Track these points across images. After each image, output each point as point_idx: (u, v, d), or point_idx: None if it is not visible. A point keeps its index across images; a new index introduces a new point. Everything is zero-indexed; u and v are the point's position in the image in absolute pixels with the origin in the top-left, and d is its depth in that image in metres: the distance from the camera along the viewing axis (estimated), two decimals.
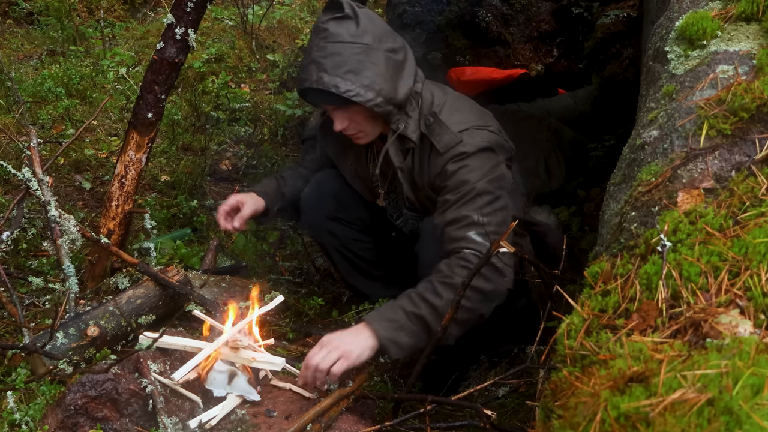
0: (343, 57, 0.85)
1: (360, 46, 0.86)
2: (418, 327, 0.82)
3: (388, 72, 0.88)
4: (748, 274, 0.48)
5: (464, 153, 0.89)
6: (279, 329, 1.19)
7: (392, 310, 0.83)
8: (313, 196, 1.11)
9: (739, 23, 0.70)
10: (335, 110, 0.92)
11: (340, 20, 0.87)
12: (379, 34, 0.88)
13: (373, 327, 0.81)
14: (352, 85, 0.85)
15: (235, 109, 2.07)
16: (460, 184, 0.88)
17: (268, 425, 0.79)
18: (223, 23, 2.75)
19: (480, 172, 0.89)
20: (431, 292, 0.83)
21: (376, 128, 0.95)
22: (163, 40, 1.16)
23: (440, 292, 0.83)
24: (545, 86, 1.99)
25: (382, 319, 0.82)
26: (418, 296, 0.83)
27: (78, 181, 1.67)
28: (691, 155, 0.60)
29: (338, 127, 0.92)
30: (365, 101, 0.86)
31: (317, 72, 0.86)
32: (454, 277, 0.83)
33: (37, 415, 0.80)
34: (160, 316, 1.05)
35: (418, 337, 0.82)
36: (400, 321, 0.82)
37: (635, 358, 0.44)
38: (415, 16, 2.09)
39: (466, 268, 0.84)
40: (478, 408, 0.71)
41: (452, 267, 0.85)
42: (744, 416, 0.37)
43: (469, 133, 0.91)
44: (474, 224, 0.86)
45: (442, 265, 0.86)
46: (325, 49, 0.86)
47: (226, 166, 1.90)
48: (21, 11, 2.73)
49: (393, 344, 0.81)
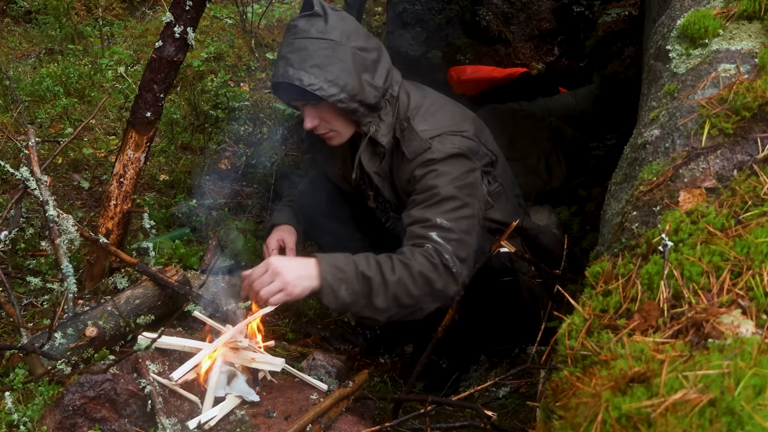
0: (308, 51, 0.86)
1: (326, 41, 0.86)
2: (360, 287, 0.81)
3: (356, 69, 0.88)
4: (750, 274, 0.48)
5: (432, 160, 0.89)
6: (278, 329, 1.19)
7: (345, 260, 0.82)
8: (308, 195, 1.12)
9: (741, 22, 0.70)
10: (305, 107, 0.92)
11: (309, 18, 0.88)
12: (348, 31, 0.89)
13: (321, 267, 0.80)
14: (315, 79, 0.85)
15: (234, 108, 2.06)
16: (427, 188, 0.88)
17: (267, 426, 0.78)
18: (222, 22, 2.74)
19: (448, 178, 0.88)
20: (387, 265, 0.82)
21: (347, 128, 0.94)
22: (161, 38, 1.16)
23: (396, 268, 0.82)
24: (546, 85, 1.99)
25: (332, 264, 0.81)
26: (375, 261, 0.83)
27: (76, 180, 1.67)
28: (693, 154, 0.60)
29: (308, 125, 0.92)
30: (328, 96, 0.86)
31: (284, 66, 0.87)
32: (413, 262, 0.83)
33: (35, 415, 0.79)
34: (159, 316, 1.05)
35: (356, 297, 0.81)
36: (348, 274, 0.81)
37: (636, 359, 0.44)
38: (415, 15, 2.08)
39: (427, 259, 0.84)
40: (478, 408, 0.71)
41: (414, 253, 0.84)
42: (746, 417, 0.36)
43: (439, 140, 0.90)
44: (435, 227, 0.86)
45: (405, 248, 0.86)
46: (292, 44, 0.87)
47: (226, 165, 1.90)
48: (19, 9, 2.72)
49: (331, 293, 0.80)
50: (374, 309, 0.82)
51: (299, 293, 0.79)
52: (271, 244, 1.09)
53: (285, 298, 0.79)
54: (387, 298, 0.82)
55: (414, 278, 0.83)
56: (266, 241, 1.11)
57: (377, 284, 0.81)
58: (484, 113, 1.79)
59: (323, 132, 0.94)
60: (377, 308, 0.82)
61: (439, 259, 0.84)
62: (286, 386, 0.87)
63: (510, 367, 1.04)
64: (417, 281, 0.83)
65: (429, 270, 0.83)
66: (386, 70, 0.93)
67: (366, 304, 0.82)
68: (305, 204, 1.12)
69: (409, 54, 2.08)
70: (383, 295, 0.82)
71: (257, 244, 1.49)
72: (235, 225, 1.55)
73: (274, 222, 1.14)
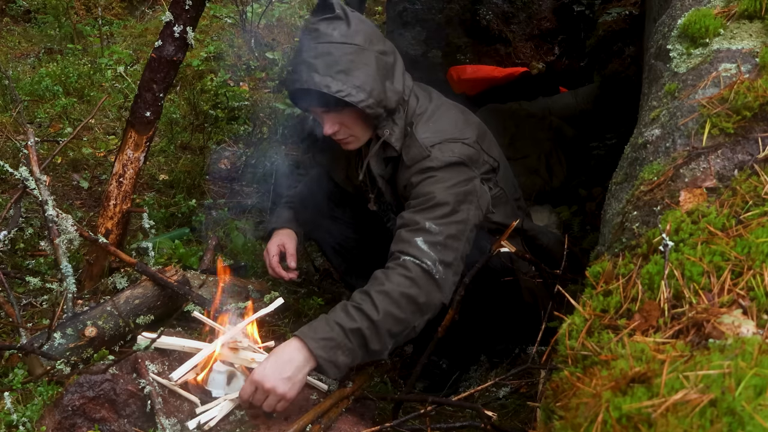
0: (334, 57, 0.84)
1: (351, 46, 0.85)
2: (355, 344, 0.79)
3: (379, 74, 0.87)
4: (751, 274, 0.48)
5: (430, 168, 0.88)
6: (278, 329, 1.19)
7: (328, 326, 0.79)
8: (308, 195, 1.10)
9: (741, 21, 0.70)
10: (326, 113, 0.90)
11: (331, 21, 0.85)
12: (370, 35, 0.88)
13: (310, 347, 0.77)
14: (343, 85, 0.84)
15: (233, 108, 2.06)
16: (422, 194, 0.87)
17: (267, 426, 0.78)
18: (221, 21, 2.74)
19: (444, 185, 0.87)
20: (369, 304, 0.80)
21: (366, 133, 0.93)
22: (161, 38, 1.15)
23: (377, 302, 0.79)
24: (546, 84, 1.98)
25: (319, 338, 0.77)
26: (355, 309, 0.80)
27: (76, 180, 1.66)
28: (694, 154, 0.60)
29: (328, 131, 0.90)
30: (357, 102, 0.85)
31: (308, 72, 0.84)
32: (389, 285, 0.81)
33: (34, 416, 0.79)
34: (159, 316, 1.05)
35: (354, 355, 0.79)
36: (338, 339, 0.78)
37: (637, 359, 0.44)
38: (415, 14, 2.08)
39: (404, 277, 0.81)
40: (478, 409, 0.71)
41: (389, 275, 0.82)
42: (747, 417, 0.36)
43: (439, 147, 0.89)
44: (423, 231, 0.84)
45: (378, 273, 0.83)
46: (315, 49, 0.84)
47: (225, 165, 1.89)
48: (18, 9, 2.72)
49: (331, 365, 0.77)
50: (373, 353, 0.80)
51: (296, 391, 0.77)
52: (271, 249, 1.06)
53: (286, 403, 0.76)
54: (381, 337, 0.80)
55: (397, 303, 0.80)
56: (267, 246, 1.07)
57: (368, 330, 0.79)
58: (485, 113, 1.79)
59: (342, 137, 0.92)
60: (376, 351, 0.80)
61: (418, 270, 0.81)
62: None
63: (510, 368, 1.04)
64: (401, 304, 0.80)
65: (407, 287, 0.81)
66: (402, 74, 0.92)
67: (366, 353, 0.80)
68: (306, 205, 1.11)
69: (409, 53, 2.08)
70: (377, 337, 0.79)
71: (257, 244, 1.49)
72: (234, 225, 1.55)
73: (274, 226, 1.10)
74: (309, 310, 1.26)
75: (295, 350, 0.78)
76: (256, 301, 1.16)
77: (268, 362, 0.77)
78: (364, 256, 1.14)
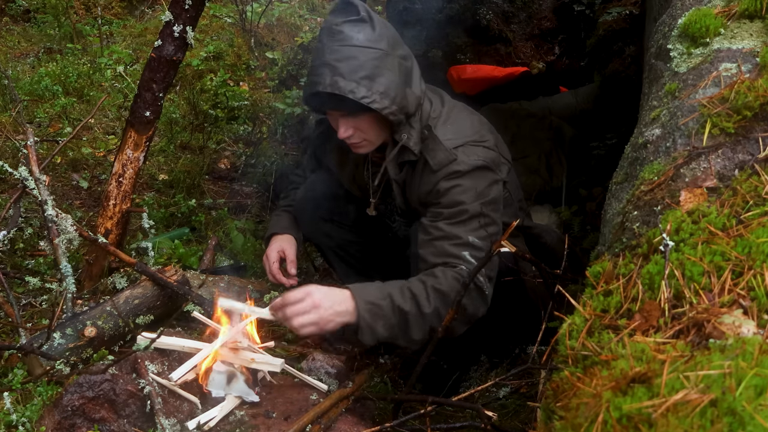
0: (359, 61, 0.82)
1: (376, 51, 0.83)
2: (397, 321, 0.80)
3: (401, 79, 0.86)
4: (752, 274, 0.48)
5: (458, 172, 0.88)
6: (278, 329, 1.19)
7: (380, 293, 0.80)
8: (308, 198, 1.10)
9: (742, 20, 0.70)
10: (342, 117, 0.89)
11: (356, 23, 0.83)
12: (393, 39, 0.86)
13: (358, 304, 0.79)
14: (368, 91, 0.83)
15: (233, 108, 2.06)
16: (453, 204, 0.87)
17: (267, 426, 0.78)
18: (221, 20, 2.74)
19: (473, 193, 0.87)
20: (423, 295, 0.81)
21: (379, 137, 0.92)
22: (161, 37, 1.15)
23: (431, 298, 0.81)
24: (547, 84, 1.99)
25: (367, 300, 0.79)
26: (410, 293, 0.81)
27: (75, 180, 1.66)
28: (694, 154, 0.60)
29: (342, 135, 0.89)
30: (381, 108, 0.84)
31: (331, 76, 0.82)
32: (447, 288, 0.82)
33: (34, 416, 0.79)
34: (158, 316, 1.05)
35: (393, 332, 0.80)
36: (385, 309, 0.79)
37: (637, 359, 0.44)
38: (415, 14, 2.08)
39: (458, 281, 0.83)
40: (479, 409, 0.71)
41: (447, 276, 0.83)
42: (747, 417, 0.36)
43: (463, 150, 0.89)
44: (468, 245, 0.85)
45: (438, 271, 0.84)
46: (340, 52, 0.82)
47: (225, 164, 1.89)
48: (18, 8, 2.72)
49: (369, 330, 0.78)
50: (410, 340, 0.81)
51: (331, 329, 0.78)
52: (271, 255, 1.05)
53: (316, 331, 0.77)
54: (423, 329, 0.81)
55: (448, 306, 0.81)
56: (266, 252, 1.06)
57: (414, 317, 0.80)
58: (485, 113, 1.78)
59: (356, 141, 0.91)
60: (413, 339, 0.81)
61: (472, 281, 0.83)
62: (285, 387, 0.87)
63: (510, 368, 1.04)
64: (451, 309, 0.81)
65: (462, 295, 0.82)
66: (419, 78, 0.91)
67: (402, 336, 0.81)
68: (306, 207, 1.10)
69: None
70: (420, 328, 0.81)
71: (257, 244, 1.49)
72: (234, 225, 1.55)
73: (274, 231, 1.09)
74: None
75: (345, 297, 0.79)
76: (256, 301, 1.16)
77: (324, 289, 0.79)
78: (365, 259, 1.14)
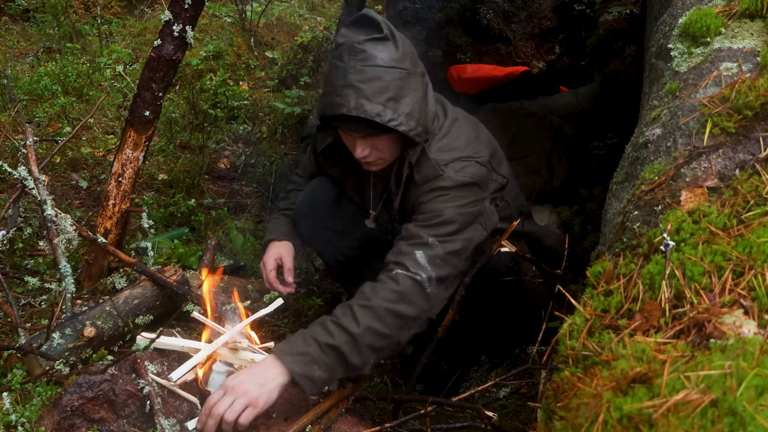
0: (384, 82, 0.80)
1: (401, 71, 0.81)
2: (332, 359, 0.77)
3: (424, 98, 0.85)
4: (752, 274, 0.48)
5: (441, 188, 0.86)
6: (278, 330, 1.18)
7: (304, 341, 0.78)
8: (308, 205, 1.09)
9: (743, 20, 0.70)
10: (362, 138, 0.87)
11: (379, 41, 0.81)
12: (414, 57, 0.85)
13: (284, 361, 0.76)
14: (394, 113, 0.81)
15: (233, 107, 2.06)
16: (430, 210, 0.86)
17: (266, 426, 0.78)
18: (221, 20, 2.74)
19: (454, 204, 0.86)
20: (349, 318, 0.79)
21: (394, 155, 0.91)
22: (160, 37, 1.15)
23: (358, 317, 0.78)
24: (547, 84, 1.98)
25: (294, 353, 0.76)
26: (334, 324, 0.79)
27: (75, 179, 1.66)
28: (695, 153, 0.60)
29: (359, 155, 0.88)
30: (408, 130, 0.83)
31: (356, 99, 0.80)
32: (375, 301, 0.80)
33: (33, 416, 0.79)
34: (158, 316, 1.04)
35: (333, 370, 0.78)
36: (313, 354, 0.77)
37: (638, 359, 0.44)
38: (415, 13, 2.08)
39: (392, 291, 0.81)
40: (479, 409, 0.71)
41: (376, 289, 0.81)
42: (748, 417, 0.36)
43: (452, 166, 0.87)
44: (424, 245, 0.83)
45: (366, 286, 0.82)
46: (364, 72, 0.80)
47: (225, 164, 1.89)
48: (17, 8, 2.71)
49: (306, 380, 0.76)
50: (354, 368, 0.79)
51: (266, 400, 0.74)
52: (269, 264, 1.02)
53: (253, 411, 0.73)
54: (361, 352, 0.79)
55: (381, 318, 0.79)
56: (263, 259, 1.03)
57: (347, 346, 0.77)
58: (485, 112, 1.78)
59: (371, 159, 0.89)
60: (356, 366, 0.79)
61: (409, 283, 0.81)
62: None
63: (511, 368, 1.03)
64: (385, 320, 0.79)
65: (394, 302, 0.80)
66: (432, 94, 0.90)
67: (344, 368, 0.78)
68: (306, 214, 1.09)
69: None
70: (357, 352, 0.78)
71: (256, 244, 1.49)
72: (234, 224, 1.55)
73: (271, 237, 1.06)
74: (308, 310, 1.26)
75: (269, 364, 0.77)
76: (255, 300, 1.16)
77: (242, 372, 0.77)
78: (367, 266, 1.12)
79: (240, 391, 0.74)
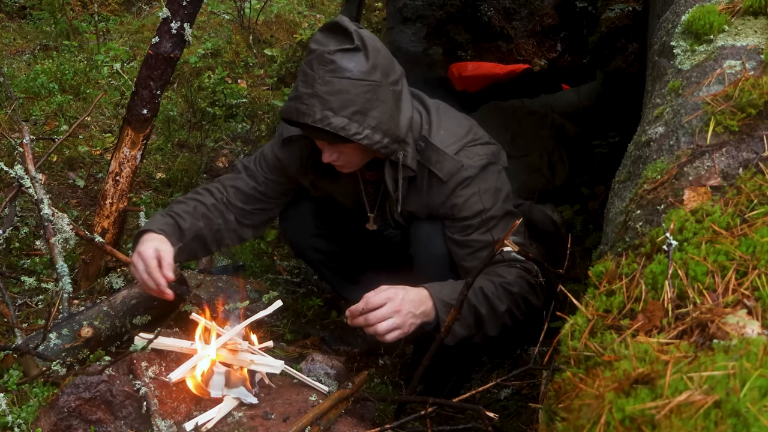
0: (350, 96, 0.80)
1: (369, 84, 0.81)
2: (473, 321, 0.84)
3: (393, 109, 0.85)
4: (756, 274, 0.47)
5: (468, 178, 0.89)
6: (277, 330, 1.18)
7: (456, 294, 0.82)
8: (295, 215, 1.08)
9: (746, 17, 0.69)
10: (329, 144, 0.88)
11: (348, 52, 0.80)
12: (386, 66, 0.84)
13: (436, 305, 0.82)
14: (359, 127, 0.81)
15: (231, 105, 2.05)
16: (478, 213, 0.89)
17: (265, 428, 0.78)
18: (219, 17, 2.72)
19: (490, 195, 0.90)
20: (496, 296, 0.85)
21: (363, 159, 0.92)
22: (158, 34, 1.14)
23: (503, 298, 0.86)
24: (548, 82, 1.97)
25: (446, 302, 0.82)
26: (483, 294, 0.85)
27: (71, 178, 1.65)
28: (698, 152, 0.59)
29: (326, 159, 0.89)
30: (371, 144, 0.83)
31: (322, 110, 0.80)
32: (515, 288, 0.86)
33: (29, 417, 0.78)
34: (156, 316, 1.04)
35: (470, 331, 0.85)
36: (462, 311, 0.81)
37: (640, 360, 0.44)
38: (415, 10, 2.06)
39: (525, 281, 0.87)
40: (480, 410, 0.70)
41: (513, 276, 0.87)
42: (752, 419, 0.36)
43: (465, 153, 0.90)
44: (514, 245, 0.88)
45: (502, 270, 0.87)
46: (331, 84, 0.80)
47: (223, 163, 1.88)
48: (13, 5, 2.70)
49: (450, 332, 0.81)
50: (485, 338, 0.86)
51: (409, 332, 0.80)
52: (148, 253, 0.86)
53: (400, 334, 0.78)
54: (497, 327, 0.86)
55: (518, 304, 0.86)
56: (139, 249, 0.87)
57: (489, 318, 0.84)
58: (486, 110, 1.77)
59: (339, 163, 0.90)
60: (488, 336, 0.86)
61: (532, 276, 0.87)
62: (284, 388, 0.86)
63: (512, 368, 1.03)
64: (521, 306, 0.86)
65: (528, 292, 0.86)
66: (408, 97, 0.90)
67: (477, 334, 0.85)
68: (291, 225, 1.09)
69: (410, 50, 2.06)
70: (495, 326, 0.85)
71: (256, 243, 1.48)
72: None
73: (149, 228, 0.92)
74: (308, 311, 1.25)
75: (424, 297, 0.82)
76: (254, 301, 1.15)
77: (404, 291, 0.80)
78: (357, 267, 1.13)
79: (399, 308, 0.78)
